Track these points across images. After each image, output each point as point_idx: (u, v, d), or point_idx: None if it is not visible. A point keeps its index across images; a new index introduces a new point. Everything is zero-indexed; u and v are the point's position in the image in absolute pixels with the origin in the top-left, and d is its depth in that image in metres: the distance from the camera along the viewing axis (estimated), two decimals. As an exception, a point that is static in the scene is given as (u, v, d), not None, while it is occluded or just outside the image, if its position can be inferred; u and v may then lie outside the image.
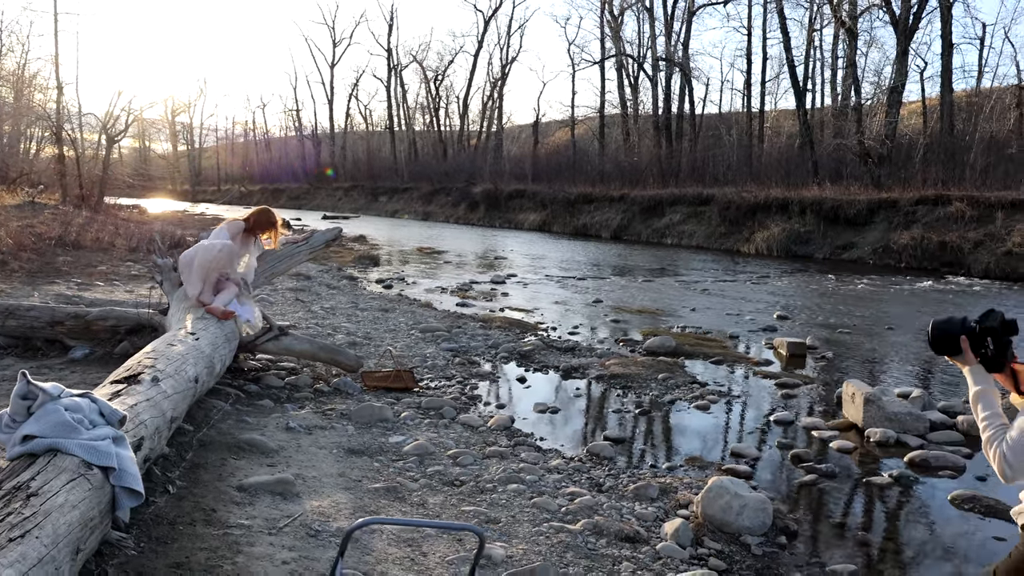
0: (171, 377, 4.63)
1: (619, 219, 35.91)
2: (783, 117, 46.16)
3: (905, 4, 30.82)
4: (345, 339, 9.85)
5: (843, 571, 4.53)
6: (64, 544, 2.60)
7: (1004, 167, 29.86)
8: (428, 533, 4.30)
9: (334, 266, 19.30)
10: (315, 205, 60.56)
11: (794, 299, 16.48)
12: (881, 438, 6.92)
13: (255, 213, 7.60)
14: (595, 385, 8.75)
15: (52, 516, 2.62)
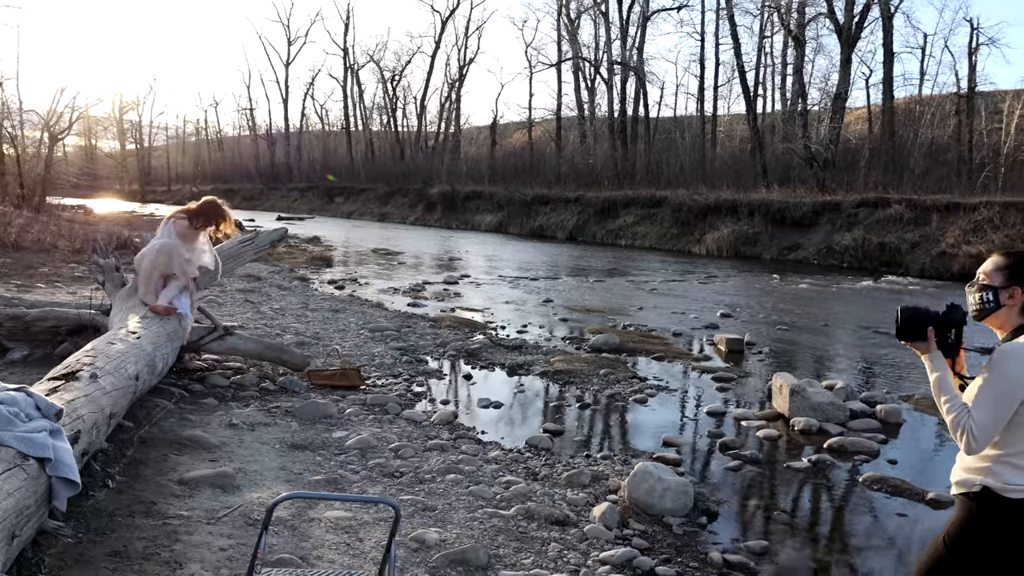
0: (110, 374, 4.76)
1: (574, 220, 36.27)
2: (735, 121, 46.98)
3: (848, 14, 31.64)
4: (294, 339, 9.96)
5: (756, 547, 4.83)
6: (3, 527, 2.75)
7: (941, 172, 30.86)
8: (366, 520, 4.49)
9: (286, 267, 19.30)
10: (269, 206, 60.04)
11: (739, 298, 16.90)
12: (804, 426, 7.27)
13: (199, 204, 7.34)
14: (539, 381, 8.99)
15: (-9, 501, 2.77)
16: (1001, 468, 2.67)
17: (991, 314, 2.77)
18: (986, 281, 2.78)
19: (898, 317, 2.83)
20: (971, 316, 2.83)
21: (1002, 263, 2.77)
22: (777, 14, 37.03)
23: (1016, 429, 2.65)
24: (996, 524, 2.67)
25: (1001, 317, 2.76)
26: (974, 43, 35.74)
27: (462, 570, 4.04)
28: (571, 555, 4.43)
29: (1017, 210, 22.78)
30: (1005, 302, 2.73)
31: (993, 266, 2.79)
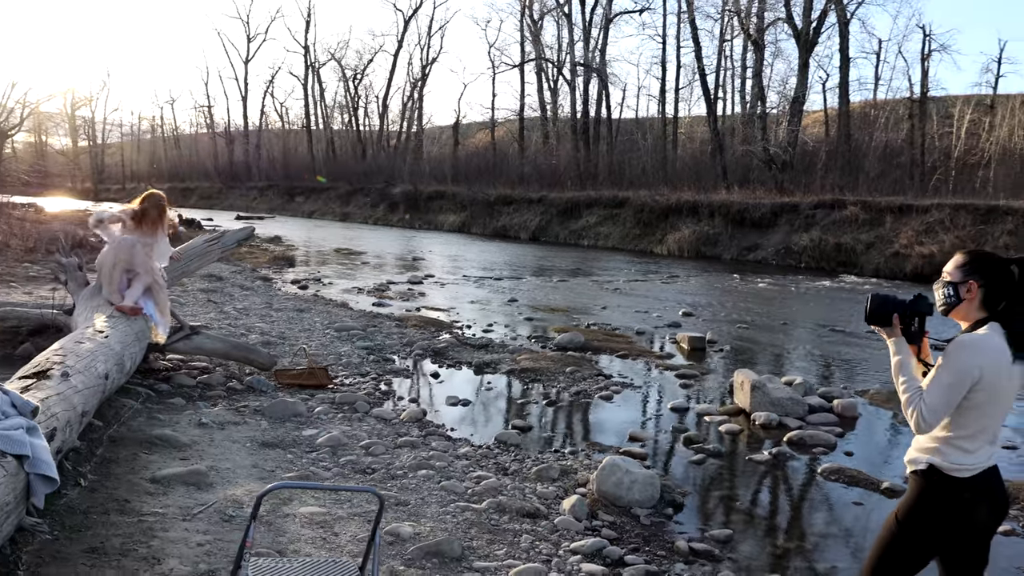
0: (81, 373, 4.75)
1: (537, 220, 36.41)
2: (696, 123, 47.49)
3: (806, 20, 32.18)
4: (259, 339, 9.94)
5: (720, 535, 4.99)
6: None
7: (894, 174, 31.58)
8: (340, 515, 4.54)
9: (247, 267, 19.15)
10: (228, 205, 59.37)
11: (700, 298, 17.14)
12: (765, 421, 7.47)
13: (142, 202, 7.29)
14: (506, 379, 9.08)
15: (-28, 496, 2.78)
16: (948, 449, 2.84)
17: (954, 308, 2.94)
18: (948, 278, 2.95)
19: (868, 303, 3.01)
20: (939, 311, 3.00)
21: (961, 261, 2.95)
22: (737, 18, 37.52)
23: (964, 413, 2.82)
24: (941, 501, 2.84)
25: (963, 311, 2.93)
26: (926, 49, 36.65)
27: (437, 562, 4.11)
28: (543, 546, 4.53)
29: (967, 212, 23.39)
30: (964, 296, 2.90)
31: (954, 264, 2.97)
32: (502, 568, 4.16)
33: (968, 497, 2.83)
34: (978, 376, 2.77)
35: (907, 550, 2.93)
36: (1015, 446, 7.23)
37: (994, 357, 2.79)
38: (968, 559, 2.92)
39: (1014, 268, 2.88)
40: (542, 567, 4.21)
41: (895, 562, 2.96)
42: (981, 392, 2.78)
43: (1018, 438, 7.49)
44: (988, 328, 2.85)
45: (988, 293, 2.88)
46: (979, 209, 23.37)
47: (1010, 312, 2.87)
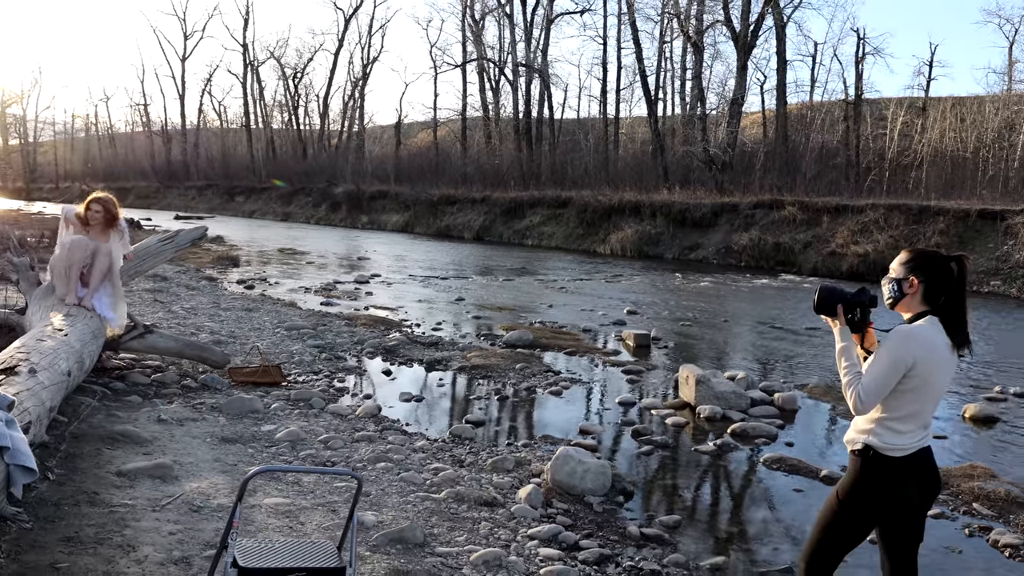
0: (46, 370, 4.81)
1: (481, 220, 36.61)
2: (637, 124, 48.21)
3: (744, 22, 32.96)
4: (210, 338, 9.94)
5: (669, 521, 5.25)
6: (-27, 509, 2.86)
7: (831, 175, 32.56)
8: (304, 505, 4.68)
9: (191, 267, 18.97)
10: (166, 204, 58.33)
11: (644, 296, 17.53)
12: (709, 414, 7.78)
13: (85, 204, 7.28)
14: (457, 376, 9.26)
15: (-39, 484, 2.88)
16: (882, 430, 3.10)
17: (899, 302, 3.21)
18: (893, 274, 3.23)
19: (816, 295, 3.27)
20: (887, 305, 3.27)
21: (905, 258, 3.22)
22: (677, 21, 38.23)
23: (898, 398, 3.08)
24: (876, 478, 3.10)
25: (906, 304, 3.19)
26: (861, 52, 37.82)
27: (401, 547, 4.28)
28: (501, 532, 4.73)
29: (900, 212, 24.26)
30: (907, 291, 3.17)
31: (899, 261, 3.24)
32: (463, 553, 4.34)
33: (901, 476, 3.08)
34: (912, 363, 3.01)
35: (846, 526, 3.18)
36: (945, 436, 7.64)
37: (928, 347, 3.04)
38: (903, 535, 3.18)
39: (953, 265, 3.13)
40: (501, 551, 4.40)
41: (836, 537, 3.21)
42: (914, 379, 3.03)
43: (949, 428, 7.92)
44: (926, 320, 3.10)
45: (928, 288, 3.13)
46: (912, 209, 24.23)
47: (949, 306, 3.13)
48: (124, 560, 3.60)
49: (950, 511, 5.76)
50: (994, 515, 5.69)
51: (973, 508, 5.80)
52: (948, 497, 5.99)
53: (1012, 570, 4.92)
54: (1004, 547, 5.16)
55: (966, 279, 3.16)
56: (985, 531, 5.41)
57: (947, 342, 3.08)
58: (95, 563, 3.53)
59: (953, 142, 33.12)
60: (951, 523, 5.58)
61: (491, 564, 4.21)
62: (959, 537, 5.35)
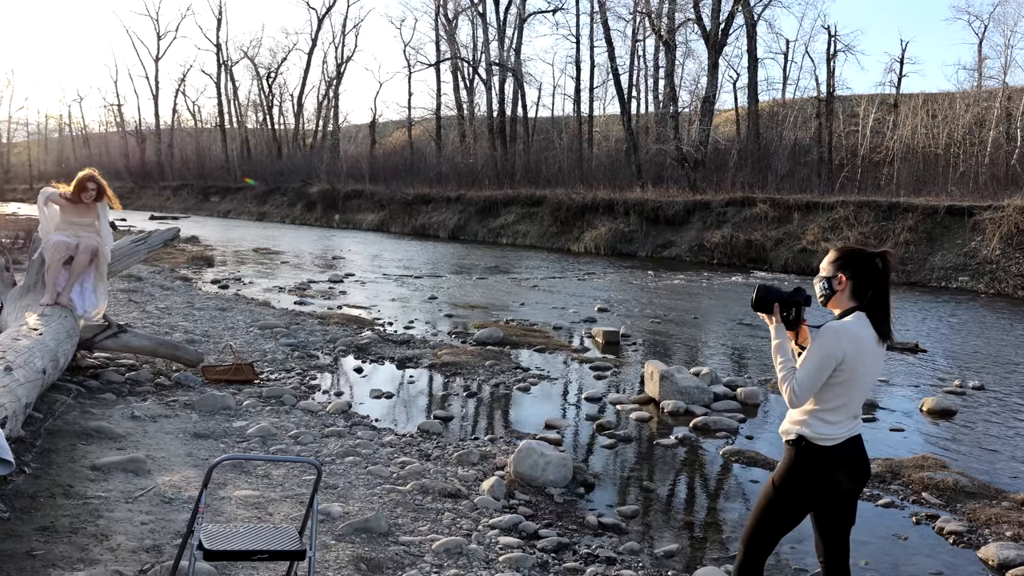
0: (22, 368, 4.95)
1: (456, 219, 36.75)
2: (611, 122, 48.49)
3: (715, 21, 33.33)
4: (183, 337, 10.05)
5: (627, 511, 5.47)
6: (-47, 499, 3.02)
7: (803, 172, 32.98)
8: (273, 497, 4.85)
9: (166, 267, 19.00)
10: (141, 205, 57.87)
11: (616, 294, 17.78)
12: (673, 408, 8.02)
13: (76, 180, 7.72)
14: (428, 373, 9.45)
15: (-59, 475, 3.03)
16: (814, 421, 3.31)
17: (830, 299, 3.41)
18: (823, 272, 3.43)
19: (755, 293, 3.48)
20: (819, 302, 3.47)
21: (833, 257, 3.42)
22: (648, 19, 38.56)
23: (828, 390, 3.28)
24: (808, 467, 3.30)
25: (836, 301, 3.39)
26: (832, 50, 38.23)
27: (366, 536, 4.46)
28: (463, 522, 4.93)
29: (870, 209, 24.65)
30: (836, 288, 3.36)
31: (828, 260, 3.44)
32: (426, 541, 4.53)
33: (831, 464, 3.28)
34: (841, 358, 3.20)
35: (781, 511, 3.39)
36: (902, 428, 7.91)
37: (856, 342, 3.23)
38: (834, 519, 3.40)
39: (878, 261, 3.32)
40: (463, 540, 4.60)
41: (771, 521, 3.42)
42: (844, 372, 3.22)
43: (906, 420, 8.19)
44: (854, 317, 3.30)
45: (856, 284, 3.31)
46: (881, 206, 24.61)
47: (875, 300, 3.32)
48: (98, 548, 3.77)
49: (899, 500, 5.99)
50: (942, 504, 5.93)
51: (922, 498, 6.04)
52: (899, 487, 6.23)
53: (956, 556, 5.16)
54: (949, 534, 5.40)
55: (890, 274, 3.35)
56: (932, 519, 5.63)
57: (874, 336, 3.28)
58: (70, 551, 3.70)
59: (924, 139, 33.60)
60: (899, 512, 5.81)
61: (452, 552, 4.40)
62: (906, 525, 5.58)
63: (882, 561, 4.97)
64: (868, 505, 5.86)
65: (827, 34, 39.04)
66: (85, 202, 7.60)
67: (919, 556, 5.11)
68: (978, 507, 5.77)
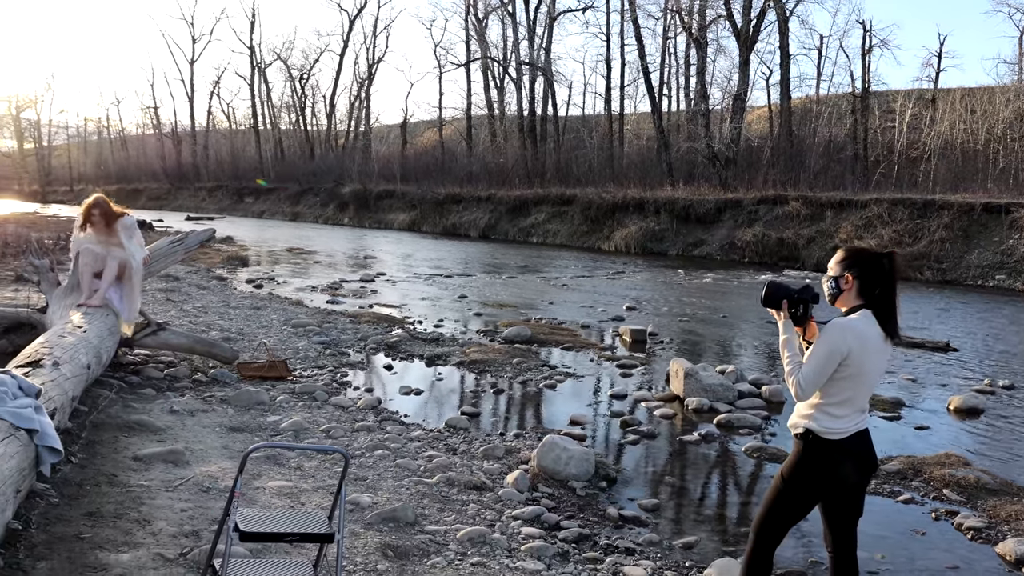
0: (68, 363, 5.21)
1: (486, 219, 36.97)
2: (641, 120, 48.37)
3: (746, 17, 33.19)
4: (219, 335, 10.33)
5: (648, 504, 5.61)
6: (9, 484, 3.25)
7: (836, 170, 32.68)
8: (305, 488, 5.06)
9: (202, 267, 19.40)
10: (177, 206, 58.90)
11: (645, 292, 17.86)
12: (697, 406, 8.12)
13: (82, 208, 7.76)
14: (456, 370, 9.63)
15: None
16: (821, 415, 3.42)
17: (837, 298, 3.52)
18: (831, 272, 3.54)
19: (764, 289, 3.57)
20: (827, 300, 3.59)
21: (840, 257, 3.54)
22: (679, 17, 38.46)
23: (835, 385, 3.39)
24: (815, 459, 3.42)
25: (843, 299, 3.51)
26: (867, 44, 37.80)
27: (393, 525, 4.65)
28: (488, 513, 5.10)
29: (905, 206, 24.42)
30: (843, 287, 3.48)
31: (835, 260, 3.55)
32: (451, 531, 4.71)
33: (837, 457, 3.39)
34: (847, 353, 3.32)
35: (790, 503, 3.51)
36: (928, 426, 7.94)
37: (861, 338, 3.34)
38: (842, 510, 3.52)
39: (884, 261, 3.43)
40: (486, 530, 4.76)
41: (781, 513, 3.55)
42: (849, 367, 3.33)
43: (932, 419, 8.22)
44: (860, 314, 3.42)
45: (863, 283, 3.42)
46: (916, 203, 24.34)
47: (881, 299, 3.43)
48: (140, 532, 4.00)
49: (919, 497, 6.05)
50: (962, 500, 5.98)
51: (942, 494, 6.09)
52: (919, 484, 6.28)
53: (973, 551, 5.21)
54: (967, 530, 5.46)
55: (896, 274, 3.45)
56: (951, 515, 5.69)
57: (880, 333, 3.39)
58: (115, 535, 3.93)
59: (963, 134, 33.09)
60: (919, 508, 5.87)
61: (476, 541, 4.58)
62: (925, 521, 5.64)
63: (899, 555, 5.05)
64: (888, 501, 5.94)
65: (862, 29, 38.60)
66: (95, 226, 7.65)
67: (936, 551, 5.18)
68: (999, 504, 5.81)
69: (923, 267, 22.49)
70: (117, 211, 7.71)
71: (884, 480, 6.31)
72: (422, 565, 4.18)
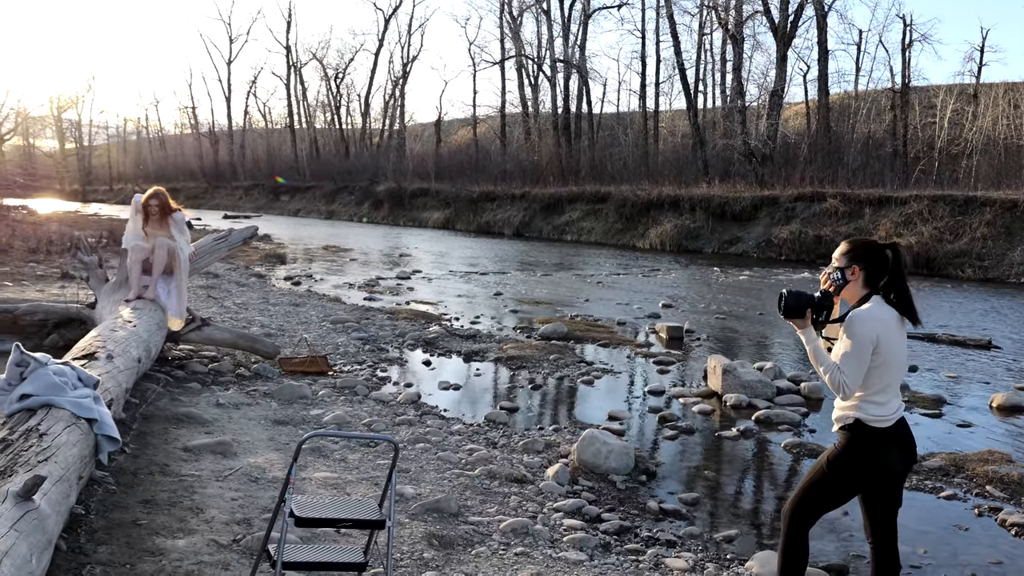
0: (120, 356, 5.36)
1: (521, 216, 37.03)
2: (677, 117, 48.15)
3: (783, 13, 32.89)
4: (260, 331, 10.50)
5: (688, 498, 5.63)
6: (72, 471, 3.38)
7: (875, 166, 32.25)
8: (350, 479, 5.15)
9: (241, 264, 19.68)
10: (214, 204, 59.68)
11: (680, 290, 17.81)
12: (735, 402, 8.12)
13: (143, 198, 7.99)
14: (493, 366, 9.70)
15: (62, 449, 3.40)
16: (866, 405, 3.46)
17: (843, 289, 3.58)
18: (836, 264, 3.58)
19: (783, 299, 3.57)
20: (832, 291, 3.62)
21: (845, 249, 3.60)
22: (715, 13, 38.23)
23: (871, 374, 3.43)
24: (864, 447, 3.46)
25: (850, 290, 3.57)
26: (907, 39, 37.23)
27: (437, 516, 4.73)
28: (529, 505, 5.16)
29: (945, 203, 24.07)
30: (849, 278, 3.54)
31: (840, 252, 3.61)
32: (493, 522, 4.77)
33: (884, 444, 3.43)
34: (876, 341, 3.38)
35: (833, 490, 3.53)
36: (970, 423, 7.87)
37: (883, 323, 3.41)
38: (885, 499, 3.54)
39: (888, 252, 3.51)
40: (528, 521, 4.83)
41: (820, 499, 3.57)
42: (880, 355, 3.39)
43: (974, 416, 8.14)
44: (873, 301, 3.48)
45: (868, 274, 3.50)
46: (957, 200, 24.00)
47: (895, 289, 3.48)
48: (194, 520, 4.12)
49: (962, 493, 6.02)
50: (1006, 497, 5.94)
51: (986, 490, 6.05)
52: (962, 480, 6.25)
53: (1017, 546, 5.19)
54: (1011, 526, 5.42)
55: (903, 264, 3.52)
56: (995, 511, 5.66)
57: (895, 315, 3.46)
58: (170, 521, 4.05)
59: (1006, 130, 32.49)
60: (962, 504, 5.85)
61: (518, 531, 4.64)
62: (968, 517, 5.62)
63: (941, 550, 5.03)
64: (930, 497, 5.92)
65: (902, 23, 38.08)
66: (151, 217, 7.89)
67: (979, 546, 5.15)
68: (1043, 500, 5.77)
69: (964, 265, 22.17)
70: (173, 206, 7.94)
71: (926, 476, 6.28)
72: (467, 554, 4.26)
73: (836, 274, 3.55)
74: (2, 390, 3.89)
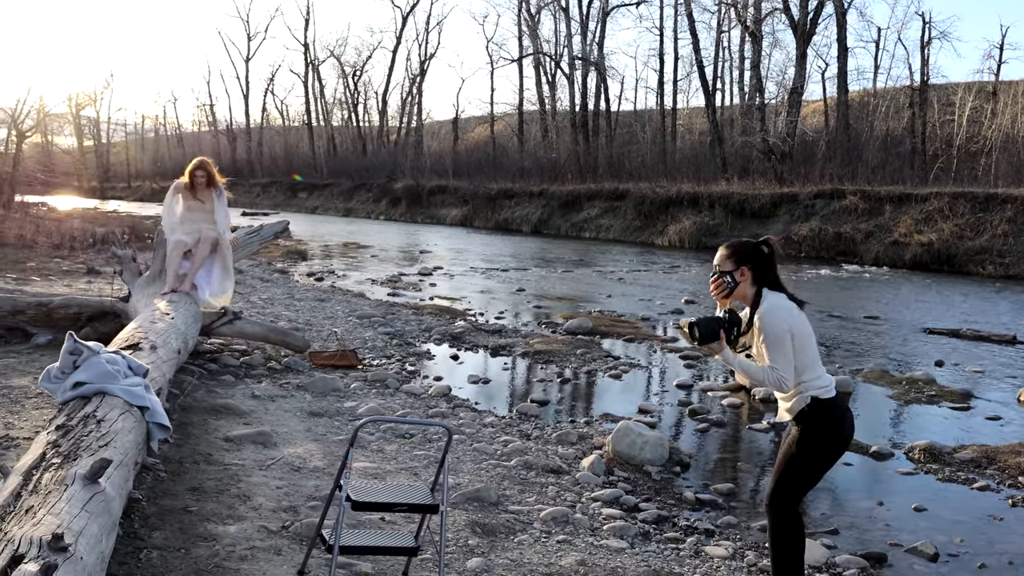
0: (162, 347, 5.43)
1: (539, 213, 37.04)
2: (695, 114, 48.01)
3: (803, 10, 32.75)
4: (288, 325, 10.55)
5: (723, 488, 5.66)
6: (130, 456, 3.44)
7: (895, 164, 32.09)
8: (388, 469, 5.21)
9: (263, 261, 19.80)
10: (232, 202, 59.18)
11: (702, 286, 17.75)
12: (765, 395, 8.11)
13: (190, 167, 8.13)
14: (521, 360, 9.75)
15: (120, 435, 3.46)
16: (809, 384, 3.56)
17: (733, 292, 3.66)
18: (723, 268, 3.67)
19: (697, 328, 3.62)
20: (720, 297, 3.70)
21: (727, 253, 3.69)
22: (734, 10, 38.11)
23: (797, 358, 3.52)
24: (826, 420, 3.56)
25: (740, 291, 3.65)
26: (926, 37, 36.97)
27: (477, 505, 4.77)
28: (567, 495, 5.20)
29: (965, 200, 23.95)
30: (739, 279, 3.63)
31: (722, 256, 3.70)
32: (533, 511, 4.82)
33: (837, 413, 3.57)
34: (788, 329, 3.50)
35: (811, 470, 3.63)
36: (999, 417, 7.86)
37: (788, 309, 3.56)
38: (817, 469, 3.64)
39: (764, 248, 3.63)
40: (568, 510, 4.87)
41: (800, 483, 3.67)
42: (798, 337, 3.52)
43: (1003, 410, 8.13)
44: (767, 295, 3.58)
45: (756, 272, 3.61)
46: (977, 197, 23.91)
47: (772, 279, 3.60)
48: (243, 507, 4.18)
49: (995, 484, 6.05)
50: (1038, 488, 5.95)
51: (1018, 482, 6.08)
52: (994, 472, 6.28)
53: (1053, 537, 5.21)
54: (1046, 516, 5.45)
55: (776, 257, 3.65)
56: (1028, 502, 5.69)
57: (788, 300, 3.59)
58: (219, 508, 4.12)
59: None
60: (995, 495, 5.87)
61: (559, 520, 4.68)
62: (1002, 507, 5.65)
63: (977, 539, 5.06)
64: (963, 488, 5.94)
65: (921, 21, 37.93)
66: (197, 187, 8.01)
67: (1015, 535, 5.18)
68: (1078, 492, 5.76)
69: (985, 262, 22.04)
70: (218, 178, 8.04)
71: (958, 468, 6.31)
72: (509, 541, 4.30)
73: (727, 279, 3.64)
74: (56, 378, 3.96)
